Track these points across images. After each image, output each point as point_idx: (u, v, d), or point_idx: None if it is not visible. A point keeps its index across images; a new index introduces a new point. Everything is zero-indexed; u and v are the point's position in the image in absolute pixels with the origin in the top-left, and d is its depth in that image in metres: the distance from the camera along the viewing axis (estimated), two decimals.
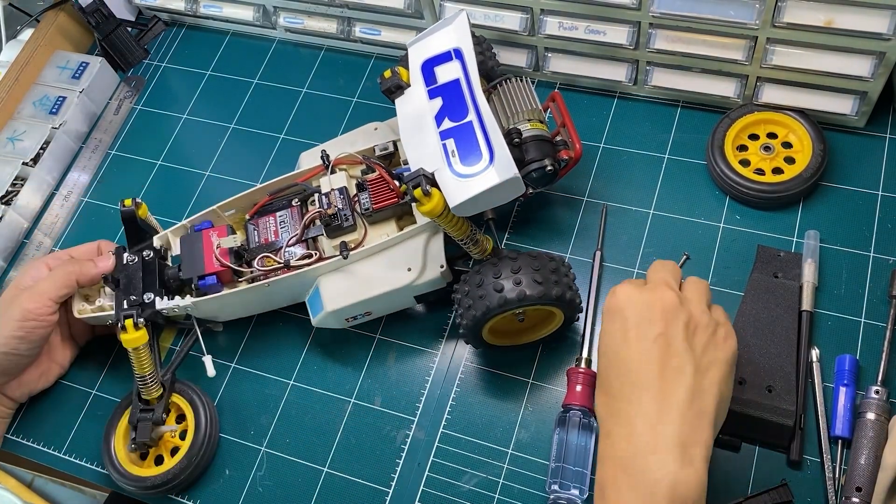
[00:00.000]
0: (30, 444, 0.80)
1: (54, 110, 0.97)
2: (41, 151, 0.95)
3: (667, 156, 0.84)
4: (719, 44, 0.78)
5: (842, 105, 0.78)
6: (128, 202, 0.76)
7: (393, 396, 0.76)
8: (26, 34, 1.04)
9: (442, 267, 0.71)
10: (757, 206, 0.79)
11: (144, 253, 0.76)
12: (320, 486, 0.73)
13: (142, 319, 0.72)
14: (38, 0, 1.07)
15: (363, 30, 0.95)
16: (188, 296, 0.75)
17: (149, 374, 0.73)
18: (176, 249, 0.77)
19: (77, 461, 0.79)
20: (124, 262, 0.76)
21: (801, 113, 0.79)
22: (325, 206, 0.73)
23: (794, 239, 0.77)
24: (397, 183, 0.73)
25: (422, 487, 0.72)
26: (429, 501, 0.71)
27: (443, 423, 0.74)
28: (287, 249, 0.74)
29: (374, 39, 0.95)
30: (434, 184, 0.64)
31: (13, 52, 1.02)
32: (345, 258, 0.71)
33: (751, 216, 0.79)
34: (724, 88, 0.82)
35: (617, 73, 0.85)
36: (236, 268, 0.74)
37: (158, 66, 1.04)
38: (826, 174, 0.79)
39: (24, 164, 0.93)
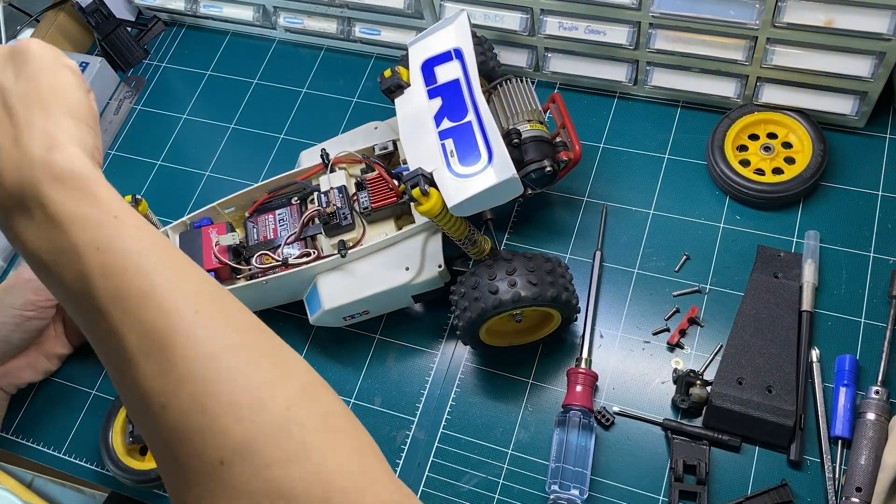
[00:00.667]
0: (30, 444, 0.80)
1: None
2: None
3: (667, 156, 0.83)
4: (719, 44, 0.78)
5: (842, 105, 0.78)
6: (127, 199, 0.76)
7: (393, 396, 0.76)
8: (26, 34, 1.04)
9: (440, 267, 0.71)
10: (757, 206, 0.79)
11: None
12: None
13: None
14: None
15: (363, 30, 0.95)
16: None
17: None
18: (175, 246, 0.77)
19: (76, 461, 0.79)
20: None
21: (801, 113, 0.79)
22: (324, 205, 0.73)
23: (794, 239, 0.77)
24: (396, 182, 0.73)
25: (422, 487, 0.72)
26: (429, 501, 0.71)
27: (443, 423, 0.74)
28: (285, 247, 0.74)
29: (374, 39, 0.95)
30: (432, 183, 0.64)
31: None
32: (343, 257, 0.71)
33: (751, 216, 0.79)
34: (724, 88, 0.82)
35: (617, 73, 0.85)
36: (234, 265, 0.74)
37: (158, 66, 1.04)
38: (826, 174, 0.79)
39: None
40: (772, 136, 0.81)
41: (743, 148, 0.81)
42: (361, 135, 0.81)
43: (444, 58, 0.72)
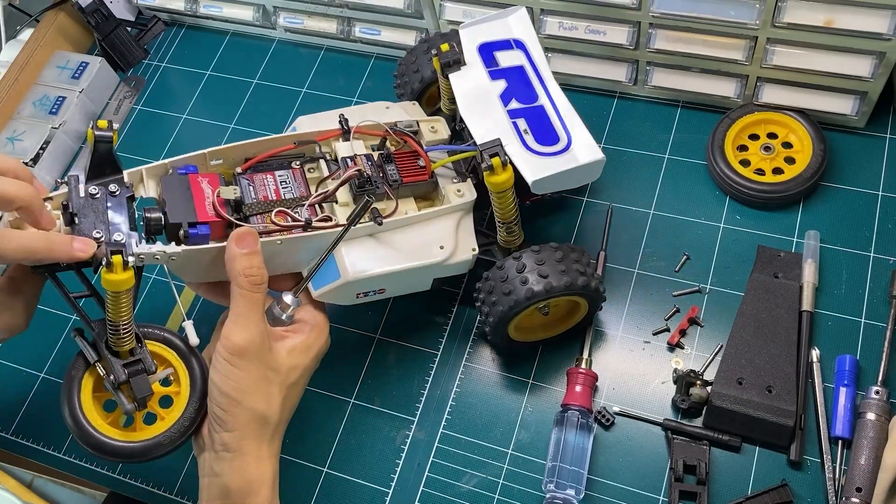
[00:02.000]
0: (30, 444, 0.80)
1: (54, 110, 0.97)
2: (41, 151, 0.95)
3: (667, 156, 0.84)
4: (719, 44, 0.78)
5: (842, 105, 0.78)
6: (103, 123, 0.65)
7: (393, 396, 0.76)
8: (26, 34, 1.04)
9: (474, 250, 0.70)
10: (757, 206, 0.79)
11: (111, 187, 0.65)
12: (320, 486, 0.73)
13: (132, 258, 0.58)
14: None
15: (363, 30, 0.95)
16: (173, 243, 0.65)
17: (124, 322, 0.60)
18: (146, 191, 0.69)
19: (76, 461, 0.79)
20: (81, 193, 0.64)
21: (801, 113, 0.79)
22: (343, 171, 0.68)
23: (794, 239, 0.77)
24: (428, 161, 0.71)
25: (422, 487, 0.72)
26: (429, 501, 0.71)
27: (443, 423, 0.74)
28: (303, 208, 0.68)
29: (374, 39, 0.95)
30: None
31: (13, 52, 1.02)
32: (379, 224, 0.67)
33: (751, 216, 0.79)
34: (724, 88, 0.82)
35: (617, 73, 0.85)
36: (236, 221, 0.66)
37: (158, 66, 1.04)
38: (826, 174, 0.79)
39: (24, 163, 0.93)
40: (772, 136, 0.81)
41: (743, 148, 0.81)
42: (372, 110, 0.78)
43: (503, 45, 0.74)
